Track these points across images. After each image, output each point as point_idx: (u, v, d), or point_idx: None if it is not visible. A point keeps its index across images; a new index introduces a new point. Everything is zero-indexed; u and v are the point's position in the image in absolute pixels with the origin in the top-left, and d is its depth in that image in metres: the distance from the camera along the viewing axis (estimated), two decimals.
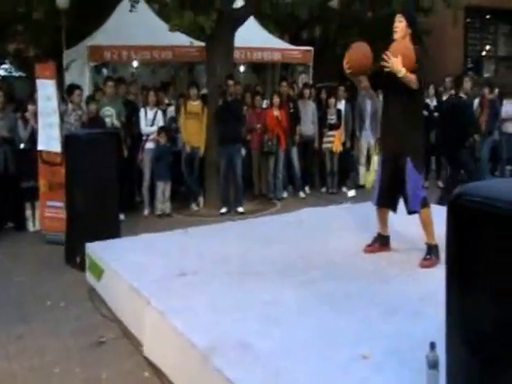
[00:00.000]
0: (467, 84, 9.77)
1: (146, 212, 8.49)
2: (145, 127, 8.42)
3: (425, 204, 4.76)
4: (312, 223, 6.27)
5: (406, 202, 4.79)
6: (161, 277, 4.52)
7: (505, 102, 10.46)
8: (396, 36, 4.76)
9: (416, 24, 4.96)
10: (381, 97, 6.00)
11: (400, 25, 4.75)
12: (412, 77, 4.47)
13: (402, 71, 4.39)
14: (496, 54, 19.31)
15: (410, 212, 4.78)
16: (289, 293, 4.10)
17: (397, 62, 4.39)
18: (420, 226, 4.84)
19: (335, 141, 9.73)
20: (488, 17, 18.85)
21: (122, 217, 7.24)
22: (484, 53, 19.16)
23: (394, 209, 5.00)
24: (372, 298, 3.96)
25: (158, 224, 7.74)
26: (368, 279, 4.41)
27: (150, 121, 8.42)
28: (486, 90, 10.35)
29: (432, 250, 4.73)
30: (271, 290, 4.18)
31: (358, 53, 4.74)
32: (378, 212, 5.10)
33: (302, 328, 3.46)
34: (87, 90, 8.95)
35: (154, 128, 8.40)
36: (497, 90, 10.70)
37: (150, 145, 8.43)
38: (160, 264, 4.86)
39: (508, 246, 1.76)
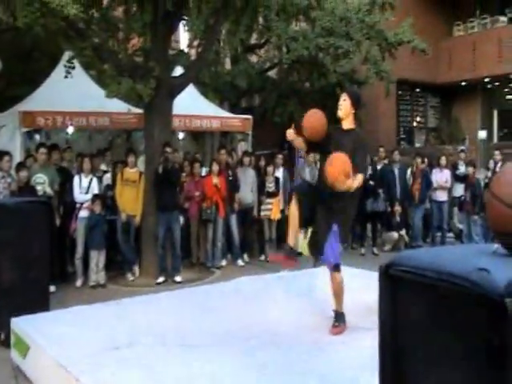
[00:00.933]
0: (396, 156, 10.38)
1: (79, 283, 8.16)
2: (78, 195, 8.20)
3: (338, 269, 4.77)
4: (250, 292, 6.20)
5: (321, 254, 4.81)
6: (92, 352, 4.30)
7: (434, 170, 10.88)
8: (340, 114, 4.89)
9: (360, 104, 5.07)
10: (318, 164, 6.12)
11: (344, 103, 4.88)
12: (357, 182, 4.49)
13: (346, 186, 4.37)
14: (426, 125, 20.22)
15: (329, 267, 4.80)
16: (227, 365, 4.00)
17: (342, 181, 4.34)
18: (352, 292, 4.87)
19: (273, 208, 9.78)
20: (418, 90, 19.83)
21: (52, 288, 6.94)
22: (415, 124, 20.03)
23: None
24: (310, 366, 3.94)
25: (91, 295, 7.46)
26: (305, 347, 4.38)
27: (84, 188, 8.21)
28: (418, 160, 10.73)
29: (339, 317, 4.80)
30: (209, 362, 4.05)
31: (313, 119, 4.83)
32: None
33: None
34: (18, 157, 8.69)
35: (88, 196, 8.20)
36: (426, 160, 11.12)
37: (84, 213, 8.19)
38: (91, 338, 4.64)
39: (436, 313, 1.81)
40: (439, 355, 1.81)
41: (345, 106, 4.86)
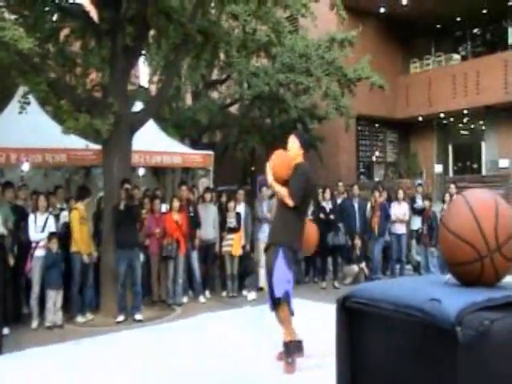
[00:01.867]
0: (356, 190, 10.53)
1: (35, 324, 7.82)
2: (34, 234, 7.97)
3: (285, 299, 4.86)
4: (212, 328, 6.13)
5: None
6: None
7: (392, 204, 11.03)
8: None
9: (308, 145, 5.50)
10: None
11: (293, 146, 5.25)
12: (282, 191, 4.94)
13: (270, 181, 5.03)
14: (385, 160, 20.60)
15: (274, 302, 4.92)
16: None
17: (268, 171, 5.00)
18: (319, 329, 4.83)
19: (234, 244, 9.71)
20: (377, 125, 20.24)
21: (6, 331, 6.73)
22: (374, 158, 20.39)
23: None
24: None
25: (47, 336, 7.16)
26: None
27: (40, 227, 7.99)
28: (376, 194, 10.86)
29: (287, 348, 4.82)
30: None
31: (279, 161, 5.16)
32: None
33: None
34: None
35: (44, 234, 7.98)
36: (385, 194, 11.26)
37: (40, 252, 7.95)
38: (47, 380, 4.49)
39: (392, 343, 1.82)
40: (395, 383, 1.81)
41: (293, 148, 5.24)
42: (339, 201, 11.02)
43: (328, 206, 10.55)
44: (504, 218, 1.81)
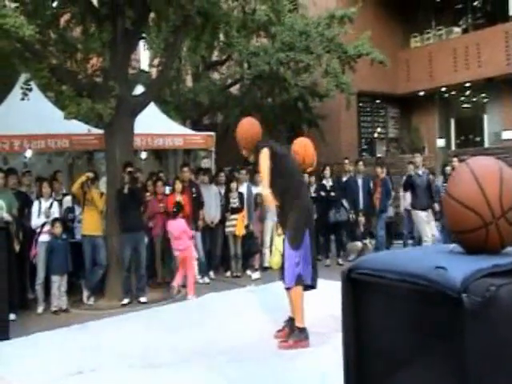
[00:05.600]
0: (361, 167, 10.46)
1: (41, 309, 7.92)
2: (36, 219, 8.00)
3: (299, 282, 4.76)
4: (216, 308, 6.15)
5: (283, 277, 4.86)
6: (55, 377, 4.17)
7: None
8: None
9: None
10: None
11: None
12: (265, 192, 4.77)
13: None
14: (387, 136, 20.51)
15: (287, 288, 4.82)
16: (196, 382, 3.92)
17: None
18: (324, 306, 4.83)
19: (238, 224, 9.72)
20: (378, 101, 20.12)
21: (12, 316, 6.78)
22: (376, 135, 20.31)
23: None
24: (278, 379, 3.90)
25: (53, 321, 7.24)
26: (273, 360, 4.34)
27: (44, 213, 8.02)
28: (379, 170, 10.81)
29: (296, 332, 4.74)
30: (177, 381, 3.98)
31: (243, 126, 5.13)
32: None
33: None
34: None
35: (41, 220, 7.96)
36: (385, 170, 11.21)
37: (44, 237, 7.98)
38: (54, 363, 4.52)
39: (397, 313, 1.81)
40: (402, 354, 1.80)
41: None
42: (345, 178, 11.00)
43: (328, 183, 10.54)
44: (508, 184, 1.79)
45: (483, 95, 18.99)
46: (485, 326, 1.53)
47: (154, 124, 11.30)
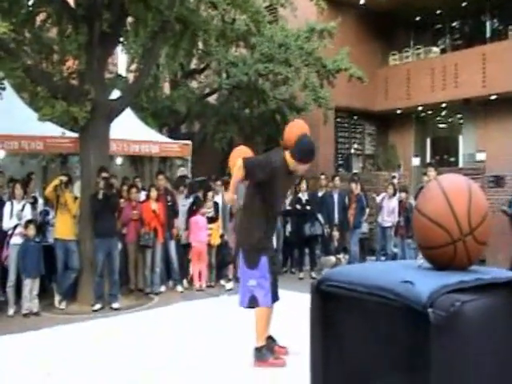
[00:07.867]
0: (337, 182, 10.53)
1: (11, 311, 7.77)
2: (8, 221, 7.88)
3: (252, 305, 4.71)
4: (187, 317, 6.13)
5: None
6: (22, 380, 4.23)
7: (384, 197, 11.04)
8: None
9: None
10: None
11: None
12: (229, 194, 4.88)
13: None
14: (363, 152, 20.69)
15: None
16: None
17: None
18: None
19: (213, 234, 9.69)
20: (356, 117, 20.30)
21: None
22: (353, 150, 20.47)
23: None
24: None
25: (23, 324, 7.13)
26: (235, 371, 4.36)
27: (16, 215, 7.91)
28: (353, 185, 10.89)
29: (257, 351, 4.71)
30: None
31: (237, 155, 5.04)
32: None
33: None
34: None
35: (13, 222, 7.85)
36: (359, 185, 11.28)
37: (16, 239, 7.86)
38: (22, 365, 4.49)
39: (365, 326, 1.83)
40: (370, 367, 1.82)
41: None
42: (321, 193, 11.05)
43: (304, 197, 10.59)
44: (477, 202, 1.82)
45: (459, 116, 19.30)
46: (450, 340, 1.55)
47: (130, 130, 11.22)
